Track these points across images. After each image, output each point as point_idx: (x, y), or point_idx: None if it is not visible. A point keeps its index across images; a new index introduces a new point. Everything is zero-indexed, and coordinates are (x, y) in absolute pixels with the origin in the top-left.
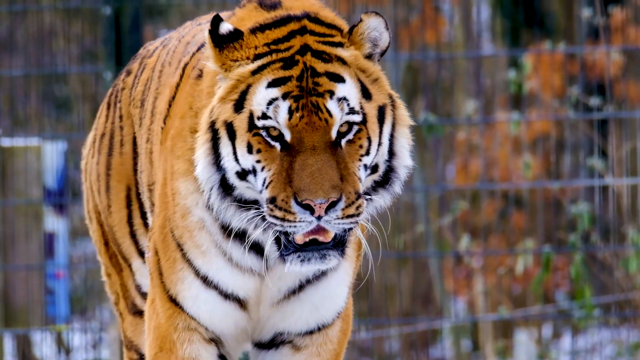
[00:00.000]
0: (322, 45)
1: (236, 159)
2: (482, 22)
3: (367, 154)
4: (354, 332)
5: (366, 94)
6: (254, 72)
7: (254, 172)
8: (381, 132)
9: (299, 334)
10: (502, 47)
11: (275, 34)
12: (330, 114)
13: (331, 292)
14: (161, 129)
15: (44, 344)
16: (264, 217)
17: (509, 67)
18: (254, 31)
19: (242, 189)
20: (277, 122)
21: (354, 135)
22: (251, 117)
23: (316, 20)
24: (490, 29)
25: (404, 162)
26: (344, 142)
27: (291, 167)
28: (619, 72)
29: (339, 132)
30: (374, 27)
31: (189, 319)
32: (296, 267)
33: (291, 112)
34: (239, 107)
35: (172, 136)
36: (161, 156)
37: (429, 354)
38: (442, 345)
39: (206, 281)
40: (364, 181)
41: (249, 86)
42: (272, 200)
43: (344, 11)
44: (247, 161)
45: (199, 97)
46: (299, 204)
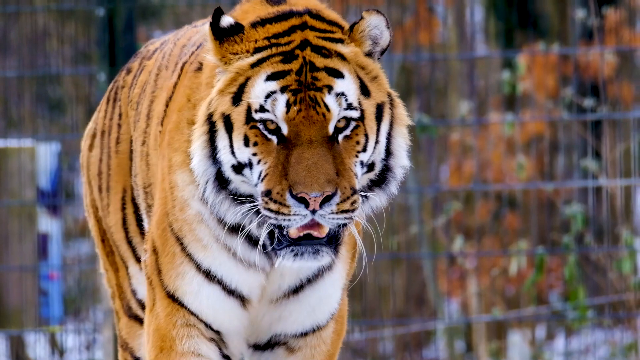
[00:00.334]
0: (322, 40)
1: (232, 152)
2: (476, 23)
3: (364, 150)
4: (347, 333)
5: (365, 91)
6: (253, 65)
7: (249, 165)
8: (379, 130)
9: (294, 335)
10: (496, 48)
11: (276, 28)
12: (328, 109)
13: (327, 294)
14: (159, 132)
15: (37, 345)
16: (258, 211)
17: (503, 68)
18: (254, 25)
19: (237, 182)
20: (275, 115)
21: (351, 131)
22: (249, 109)
23: (317, 16)
24: (483, 30)
25: (401, 161)
26: (341, 137)
27: (287, 161)
28: (612, 73)
29: (336, 128)
30: (375, 25)
31: (188, 314)
32: (288, 262)
33: (289, 105)
34: (237, 99)
35: (169, 130)
36: (159, 154)
37: (422, 355)
38: (436, 346)
39: (209, 276)
40: (360, 179)
41: (247, 79)
42: (267, 193)
43: (337, 11)
44: (244, 154)
45: (198, 89)
46: (294, 197)
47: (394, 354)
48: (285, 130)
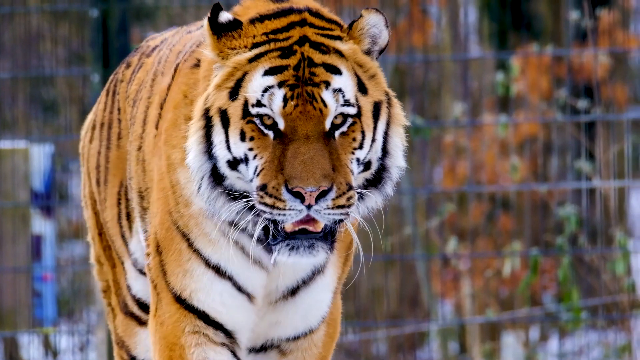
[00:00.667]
0: (321, 37)
1: (228, 147)
2: (470, 24)
3: (360, 147)
4: (341, 334)
5: (362, 88)
6: (251, 60)
7: (245, 160)
8: (375, 128)
9: (287, 339)
10: (490, 49)
11: (274, 24)
12: (325, 104)
13: (319, 297)
14: (154, 136)
15: (31, 347)
16: (252, 208)
17: (497, 70)
18: (253, 21)
19: (232, 179)
20: (272, 110)
21: (348, 127)
22: (246, 104)
23: (317, 14)
24: (477, 31)
25: (397, 161)
26: (337, 133)
27: (283, 155)
28: (606, 75)
29: (333, 124)
30: (373, 23)
31: (196, 319)
32: (284, 257)
33: (286, 100)
34: (234, 94)
35: (166, 128)
36: (156, 152)
37: (416, 356)
38: (430, 347)
39: (219, 271)
40: (356, 177)
41: (245, 74)
42: (263, 187)
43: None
44: (240, 149)
45: (195, 85)
46: (290, 191)
47: (387, 356)
48: (281, 125)
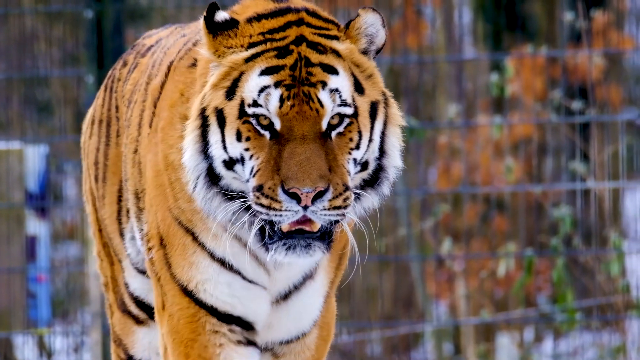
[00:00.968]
0: (318, 37)
1: (224, 147)
2: (464, 25)
3: (357, 148)
4: (335, 335)
5: (359, 88)
6: (248, 60)
7: (241, 160)
8: (372, 128)
9: (280, 342)
10: (484, 50)
11: (271, 24)
12: (321, 104)
13: (310, 302)
14: (147, 134)
15: (25, 348)
16: (248, 208)
17: (491, 71)
18: (250, 20)
19: (228, 179)
20: (268, 110)
21: (345, 128)
22: (242, 104)
23: (314, 14)
24: (472, 32)
25: (394, 161)
26: (334, 134)
27: (280, 156)
28: (600, 76)
29: (329, 124)
30: (371, 22)
31: (208, 315)
32: (280, 256)
33: (282, 100)
34: (230, 94)
35: (162, 127)
36: (151, 150)
37: (410, 357)
38: (424, 348)
39: (224, 264)
40: (353, 177)
41: (241, 73)
42: (259, 188)
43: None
44: (236, 149)
45: (192, 84)
46: (286, 192)
47: (382, 356)
48: (278, 125)
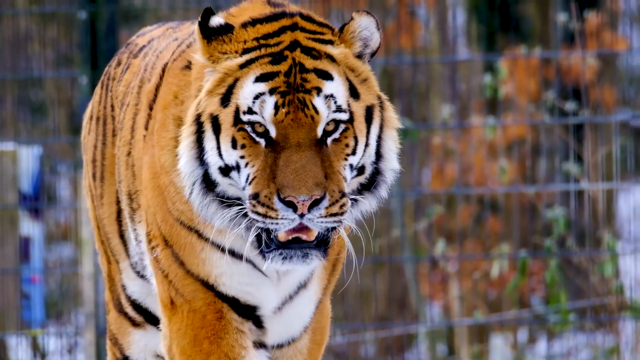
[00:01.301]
0: (312, 42)
1: (220, 154)
2: (458, 26)
3: (354, 153)
4: (329, 336)
5: (354, 93)
6: (242, 66)
7: (237, 168)
8: (368, 133)
9: (272, 346)
10: (478, 51)
11: (266, 29)
12: (316, 111)
13: (302, 310)
14: (143, 136)
15: (19, 348)
16: (245, 215)
17: (485, 72)
18: (245, 25)
19: (224, 185)
20: (263, 117)
21: (340, 133)
22: (237, 111)
23: (308, 18)
24: (465, 33)
25: (391, 164)
26: (329, 140)
27: (275, 164)
28: (594, 77)
29: (325, 130)
30: (365, 26)
31: (230, 311)
32: (277, 265)
33: (277, 107)
34: (225, 100)
35: (156, 129)
36: (147, 150)
37: (404, 358)
38: (418, 349)
39: (235, 255)
40: (350, 182)
41: (236, 80)
42: (255, 196)
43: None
44: (231, 157)
45: (186, 87)
46: (282, 200)
47: (375, 358)
48: (273, 132)
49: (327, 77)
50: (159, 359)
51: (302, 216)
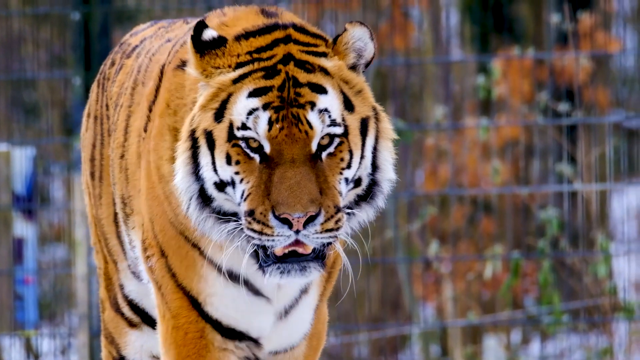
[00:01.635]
0: (306, 54)
1: (215, 170)
2: (451, 27)
3: (349, 167)
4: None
5: (349, 106)
6: (235, 81)
7: (232, 183)
8: (364, 145)
9: (269, 352)
10: (471, 52)
11: (259, 42)
12: (310, 126)
13: (302, 317)
14: (142, 139)
15: (12, 349)
16: (242, 230)
17: (478, 73)
18: (238, 38)
19: (220, 200)
20: (257, 133)
21: (335, 148)
22: (231, 127)
23: (302, 29)
24: (459, 34)
25: (387, 175)
26: (324, 154)
27: (270, 180)
28: (587, 78)
29: (319, 145)
30: (358, 37)
31: (214, 331)
32: (275, 279)
33: (271, 123)
34: (219, 116)
35: (154, 135)
36: (144, 154)
37: (398, 359)
38: (411, 350)
39: (231, 277)
40: (346, 195)
41: (229, 95)
42: (251, 213)
43: (312, 16)
44: (226, 172)
45: (177, 92)
46: (277, 217)
47: (369, 359)
48: (267, 148)
49: (321, 90)
50: None
51: (297, 232)
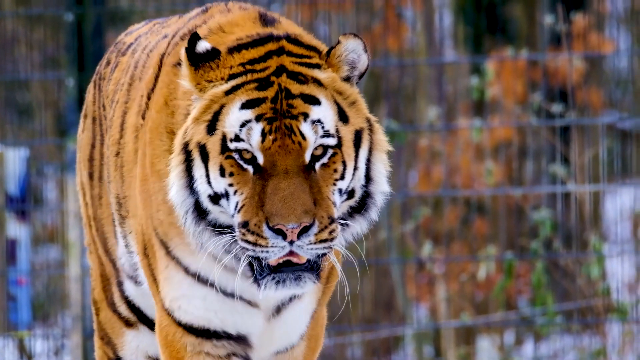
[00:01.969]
0: (299, 66)
1: (209, 182)
2: (445, 28)
3: (342, 178)
4: None
5: (343, 117)
6: (228, 93)
7: (226, 196)
8: (357, 157)
9: (272, 352)
10: (465, 53)
11: (251, 54)
12: (303, 137)
13: (298, 318)
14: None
15: (5, 351)
16: (237, 242)
17: (472, 74)
18: (231, 51)
19: (215, 213)
20: (250, 144)
21: (329, 159)
22: (224, 139)
23: (295, 41)
24: (452, 35)
25: (381, 187)
26: (318, 165)
27: (263, 191)
28: (580, 79)
29: (313, 156)
30: (352, 49)
31: (187, 334)
32: (271, 291)
33: (264, 134)
34: (211, 128)
35: (150, 129)
36: (140, 145)
37: None
38: (405, 351)
39: (199, 279)
40: (340, 206)
41: (222, 107)
42: (245, 224)
43: (306, 18)
44: (220, 185)
45: (175, 91)
46: (271, 229)
47: None
48: (261, 160)
49: (314, 102)
50: None
51: (291, 243)
